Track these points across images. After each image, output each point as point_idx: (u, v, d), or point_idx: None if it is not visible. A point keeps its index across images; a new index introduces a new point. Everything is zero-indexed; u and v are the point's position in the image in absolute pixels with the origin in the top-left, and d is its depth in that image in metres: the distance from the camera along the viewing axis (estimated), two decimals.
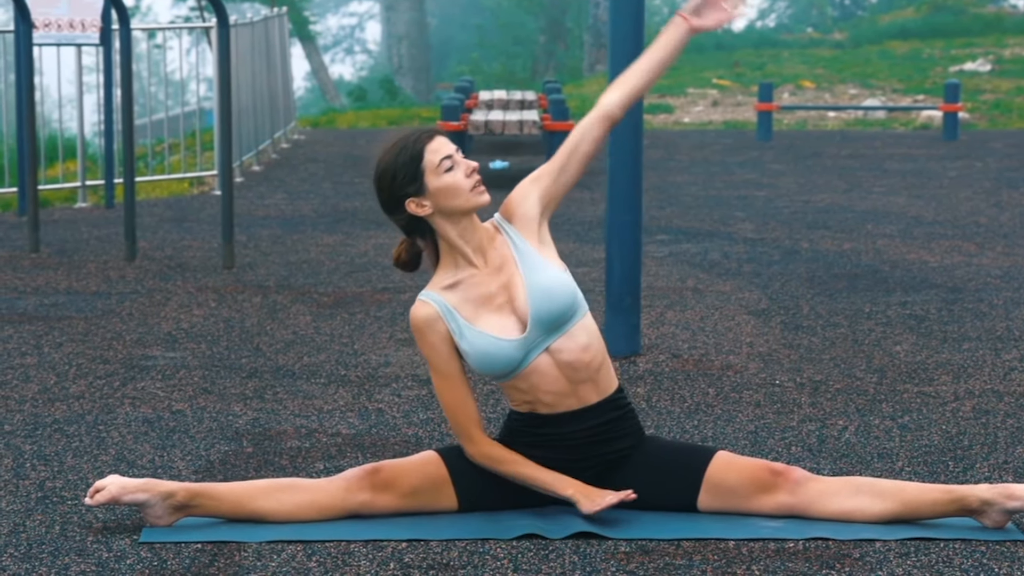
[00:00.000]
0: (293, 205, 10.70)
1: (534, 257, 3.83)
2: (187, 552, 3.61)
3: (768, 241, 8.90)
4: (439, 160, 3.78)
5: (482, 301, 3.80)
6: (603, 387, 3.85)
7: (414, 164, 3.78)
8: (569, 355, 3.79)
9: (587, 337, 3.83)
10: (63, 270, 7.86)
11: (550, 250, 3.89)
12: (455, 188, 3.78)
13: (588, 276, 7.64)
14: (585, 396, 3.83)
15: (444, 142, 3.82)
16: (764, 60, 26.18)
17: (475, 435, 3.82)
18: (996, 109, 19.56)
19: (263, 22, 13.64)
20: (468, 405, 3.82)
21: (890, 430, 4.75)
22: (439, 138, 3.83)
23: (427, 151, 3.79)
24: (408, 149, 3.80)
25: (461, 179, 3.79)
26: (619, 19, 5.71)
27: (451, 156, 3.80)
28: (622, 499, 3.73)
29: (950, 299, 7.01)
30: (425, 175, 3.78)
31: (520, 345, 3.77)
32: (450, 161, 3.79)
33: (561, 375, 3.80)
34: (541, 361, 3.79)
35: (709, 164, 13.70)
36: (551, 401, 3.81)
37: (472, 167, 3.82)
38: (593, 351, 3.83)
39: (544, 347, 3.78)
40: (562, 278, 3.82)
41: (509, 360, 3.77)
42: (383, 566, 3.52)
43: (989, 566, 3.51)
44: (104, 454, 4.46)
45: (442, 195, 3.78)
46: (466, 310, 3.79)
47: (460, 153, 3.85)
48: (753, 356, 5.82)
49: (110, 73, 10.44)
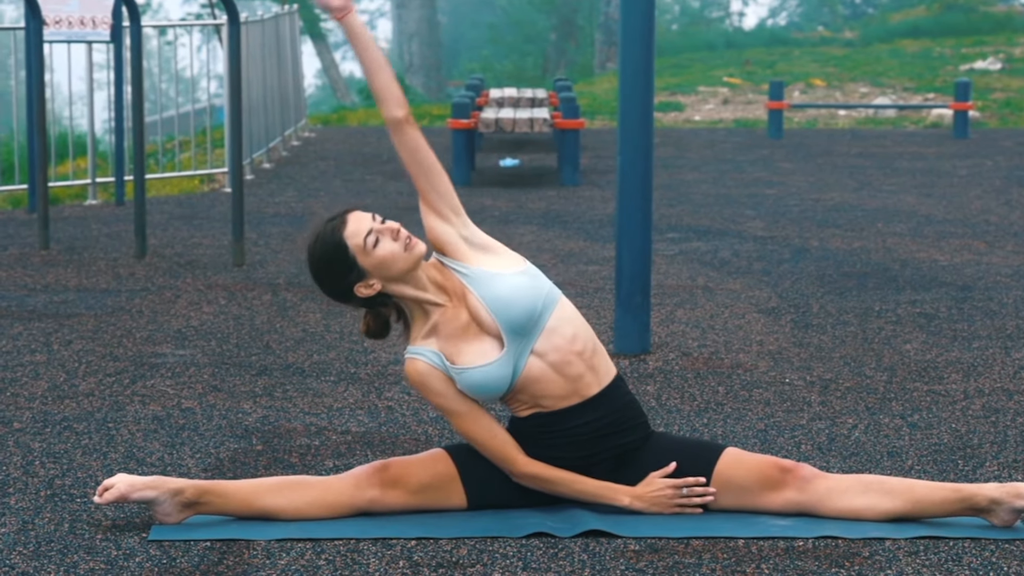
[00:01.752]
0: (303, 203, 10.71)
1: (480, 274, 3.78)
2: (196, 550, 3.61)
3: (778, 239, 8.89)
4: (363, 241, 3.73)
5: (459, 334, 3.77)
6: (602, 375, 3.83)
7: (342, 255, 3.74)
8: (558, 354, 3.77)
9: (572, 328, 3.81)
10: (73, 267, 7.87)
11: (493, 255, 3.83)
12: (391, 258, 3.73)
13: (598, 274, 7.64)
14: (585, 389, 3.81)
15: (357, 220, 3.76)
16: (775, 58, 26.15)
17: (515, 457, 3.81)
18: (1007, 107, 19.51)
19: (274, 19, 13.65)
20: (496, 432, 3.81)
21: (900, 428, 4.74)
22: (350, 219, 3.76)
23: (347, 238, 3.74)
24: (330, 243, 3.75)
25: (392, 246, 3.73)
26: (630, 17, 5.70)
27: (371, 230, 3.74)
28: (679, 486, 3.77)
29: (960, 297, 7.00)
30: (358, 260, 3.74)
31: (504, 361, 3.75)
32: (373, 235, 3.73)
33: (557, 375, 3.78)
34: (532, 367, 3.76)
35: (719, 162, 13.68)
36: (552, 403, 3.81)
37: (394, 229, 3.75)
38: (582, 340, 3.81)
39: (529, 351, 3.76)
40: (515, 281, 3.77)
41: (501, 379, 3.75)
42: (392, 564, 3.52)
43: (999, 565, 3.51)
44: (113, 452, 4.47)
45: (382, 269, 3.74)
46: (449, 350, 3.77)
47: (377, 218, 3.78)
48: (763, 354, 5.82)
49: (120, 70, 10.45)
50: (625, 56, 5.73)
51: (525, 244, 8.69)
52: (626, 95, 5.74)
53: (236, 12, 8.11)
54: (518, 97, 14.53)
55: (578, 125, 11.87)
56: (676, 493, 3.79)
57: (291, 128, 15.15)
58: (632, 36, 5.70)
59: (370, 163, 13.56)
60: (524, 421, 3.84)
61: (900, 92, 21.36)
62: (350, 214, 3.79)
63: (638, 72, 5.71)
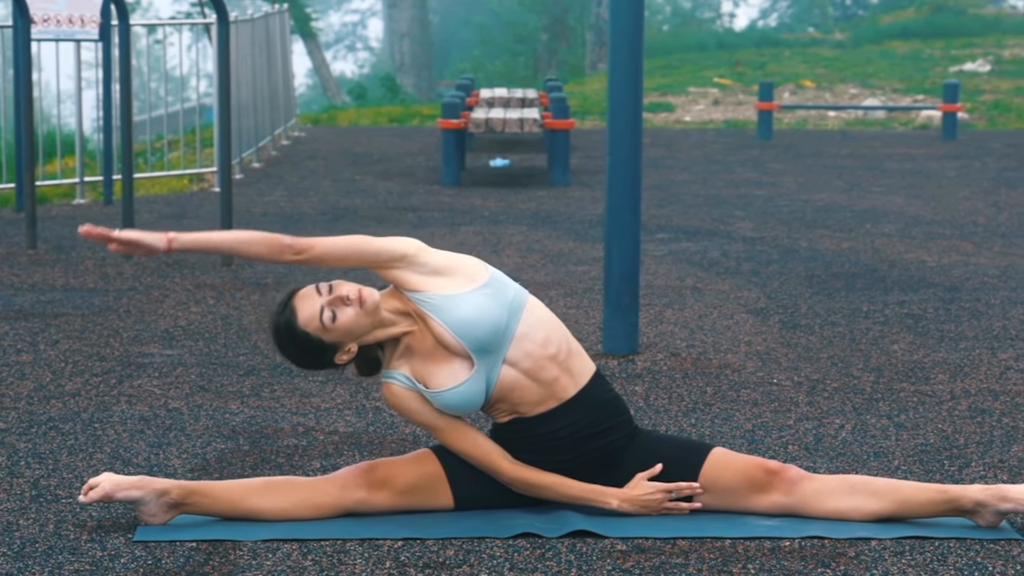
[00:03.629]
0: (293, 202, 10.70)
1: (439, 300, 3.72)
2: (182, 551, 3.60)
3: (767, 240, 8.90)
4: (320, 323, 3.68)
5: (429, 355, 3.75)
6: (578, 376, 3.81)
7: (307, 343, 3.71)
8: (530, 360, 3.74)
9: (543, 331, 3.77)
10: (60, 267, 7.86)
11: (450, 277, 3.74)
12: (353, 324, 3.69)
13: (587, 274, 7.64)
14: (561, 392, 3.79)
15: (305, 303, 3.69)
16: (765, 59, 26.17)
17: (501, 464, 3.80)
18: (995, 109, 19.55)
19: (264, 19, 13.63)
20: (479, 441, 3.80)
21: (886, 429, 4.74)
22: (298, 306, 3.69)
23: (305, 327, 3.69)
24: (291, 337, 3.70)
25: (349, 313, 3.68)
26: (619, 17, 5.70)
27: (323, 308, 3.69)
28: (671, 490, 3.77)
29: (947, 298, 7.01)
30: (324, 339, 3.70)
31: (476, 379, 3.73)
32: (328, 312, 3.68)
33: (531, 381, 3.76)
34: (506, 377, 3.74)
35: (709, 163, 13.69)
36: (529, 408, 3.79)
37: (343, 296, 3.67)
38: (555, 343, 3.78)
39: (500, 362, 3.74)
40: (474, 301, 3.71)
41: (475, 395, 3.74)
42: (379, 565, 3.51)
43: (984, 564, 3.51)
44: (99, 452, 4.46)
45: (350, 336, 3.71)
46: (421, 372, 3.75)
47: (324, 289, 3.70)
48: (751, 355, 5.82)
49: (109, 69, 10.44)
50: (614, 56, 5.73)
51: (514, 244, 8.69)
52: (615, 95, 5.74)
53: (225, 11, 8.10)
54: (508, 97, 14.53)
55: (568, 125, 11.87)
56: (665, 497, 3.79)
57: (281, 127, 15.13)
58: (621, 36, 5.70)
59: (360, 163, 13.55)
60: (505, 427, 3.83)
61: (890, 93, 21.39)
62: (295, 300, 3.71)
63: (627, 72, 5.71)
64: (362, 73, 47.28)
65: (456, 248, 8.65)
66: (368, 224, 9.51)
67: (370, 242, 3.76)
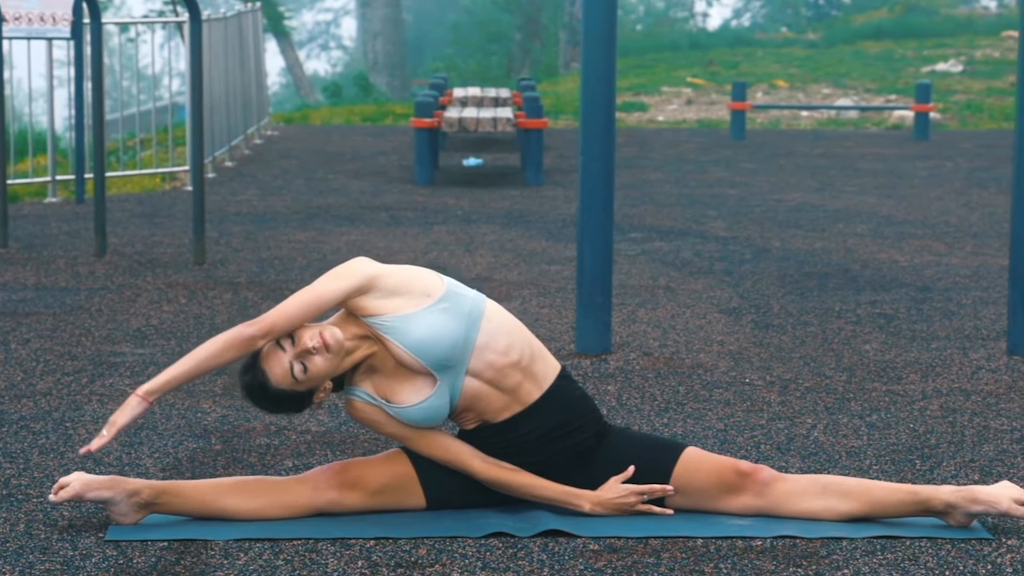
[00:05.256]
0: (265, 201, 10.67)
1: (394, 322, 3.70)
2: (153, 550, 3.59)
3: (740, 240, 8.92)
4: (292, 378, 3.67)
5: (391, 373, 3.74)
6: (542, 379, 3.79)
7: (286, 399, 3.70)
8: (492, 370, 3.73)
9: (505, 338, 3.76)
10: (32, 265, 7.82)
11: (404, 296, 3.71)
12: (324, 370, 3.68)
13: (560, 274, 7.64)
14: (526, 396, 3.78)
15: (274, 363, 3.67)
16: (738, 59, 26.23)
17: (474, 465, 3.79)
18: (967, 109, 19.64)
19: (237, 17, 13.60)
20: (449, 445, 3.80)
21: (858, 428, 4.76)
22: (267, 367, 3.66)
23: (278, 384, 3.66)
24: (268, 398, 3.68)
25: (319, 361, 3.66)
26: (592, 17, 5.71)
27: (292, 364, 3.66)
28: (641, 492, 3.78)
29: (919, 298, 7.04)
30: (299, 390, 3.69)
31: (440, 392, 3.72)
32: (298, 365, 3.66)
33: (495, 390, 3.75)
34: (469, 387, 3.73)
35: (682, 162, 13.71)
36: (494, 415, 3.78)
37: (306, 346, 3.64)
38: (517, 350, 3.76)
39: (463, 374, 3.72)
40: (430, 321, 3.68)
41: (440, 408, 3.73)
42: (351, 564, 3.51)
43: (954, 564, 3.52)
44: (71, 451, 4.44)
45: (322, 379, 3.70)
46: (384, 390, 3.74)
47: (286, 344, 3.66)
48: (723, 354, 5.83)
49: (81, 67, 10.40)
50: (587, 56, 5.73)
51: (487, 244, 8.69)
52: (588, 95, 5.75)
53: (198, 9, 8.07)
54: (482, 96, 14.53)
55: (541, 125, 11.87)
56: (638, 499, 3.79)
57: (254, 126, 15.10)
58: (594, 36, 5.70)
59: (333, 162, 13.53)
60: (472, 433, 3.83)
61: (862, 93, 21.46)
62: (262, 362, 3.68)
63: (600, 72, 5.71)
64: (335, 72, 47.21)
65: (429, 247, 8.67)
66: (341, 223, 9.50)
67: (325, 293, 3.69)
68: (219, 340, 3.70)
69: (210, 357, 3.70)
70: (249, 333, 3.67)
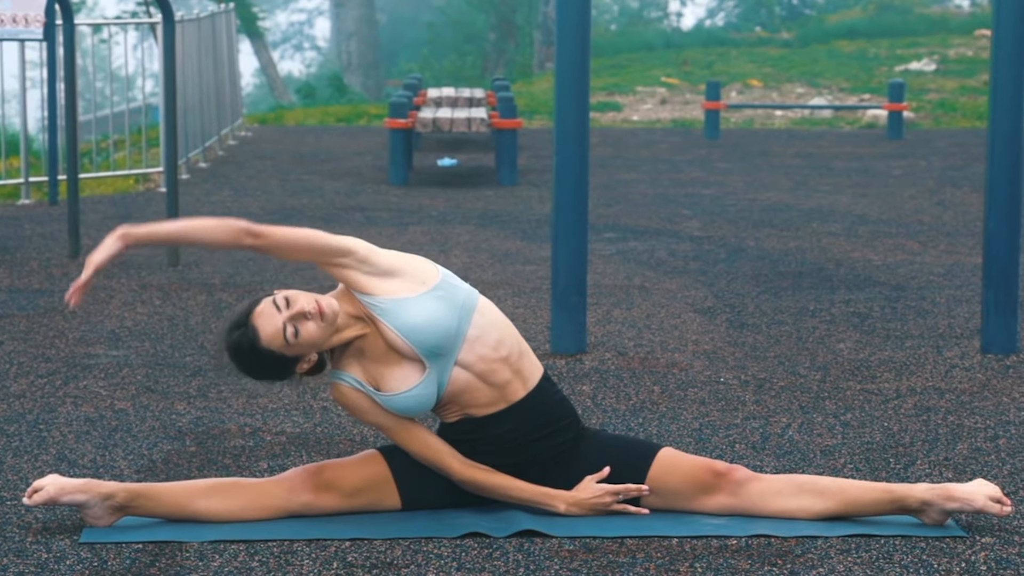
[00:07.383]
0: (240, 202, 10.65)
1: (389, 304, 3.70)
2: (128, 552, 3.58)
3: (714, 239, 8.93)
4: (284, 340, 3.64)
5: (380, 359, 3.73)
6: (528, 378, 3.81)
7: (271, 361, 3.66)
8: (483, 363, 3.74)
9: (496, 333, 3.77)
10: (5, 267, 7.79)
11: (399, 278, 3.71)
12: (316, 338, 3.66)
13: (535, 274, 7.65)
14: (512, 394, 3.79)
15: (267, 321, 3.63)
16: (712, 58, 26.27)
17: (451, 465, 3.79)
18: (940, 108, 19.71)
19: (210, 18, 13.56)
20: (430, 441, 3.79)
21: (833, 427, 4.77)
22: (259, 324, 3.63)
23: (267, 344, 3.63)
24: (255, 355, 3.64)
25: (311, 327, 3.64)
26: (565, 16, 5.71)
27: (285, 324, 3.63)
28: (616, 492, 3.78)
29: (893, 297, 7.06)
30: (287, 354, 3.67)
31: (427, 382, 3.72)
32: (290, 327, 3.64)
33: (483, 384, 3.76)
34: (458, 378, 3.74)
35: (657, 162, 13.73)
36: (479, 410, 3.79)
37: (303, 310, 3.62)
38: (507, 346, 3.77)
39: (452, 364, 3.73)
40: (425, 307, 3.69)
41: (427, 398, 3.73)
42: (326, 565, 3.50)
43: (929, 562, 3.54)
44: (45, 453, 4.43)
45: (312, 347, 3.69)
46: (372, 375, 3.74)
47: (282, 304, 3.64)
48: (698, 354, 5.84)
49: (54, 68, 10.36)
50: (561, 55, 5.73)
51: (462, 244, 8.68)
52: (562, 94, 5.75)
53: (171, 10, 8.05)
54: (456, 97, 14.52)
55: (516, 125, 11.87)
56: (613, 499, 3.79)
57: (227, 127, 15.06)
58: (567, 35, 5.71)
59: (307, 163, 13.51)
60: (453, 427, 3.82)
61: (836, 93, 21.52)
62: (255, 319, 3.64)
63: (574, 71, 5.72)
64: (309, 73, 47.12)
65: (405, 248, 8.62)
66: (316, 223, 9.48)
67: (321, 236, 3.74)
68: (212, 219, 3.71)
69: (197, 228, 3.69)
70: (242, 226, 3.67)
